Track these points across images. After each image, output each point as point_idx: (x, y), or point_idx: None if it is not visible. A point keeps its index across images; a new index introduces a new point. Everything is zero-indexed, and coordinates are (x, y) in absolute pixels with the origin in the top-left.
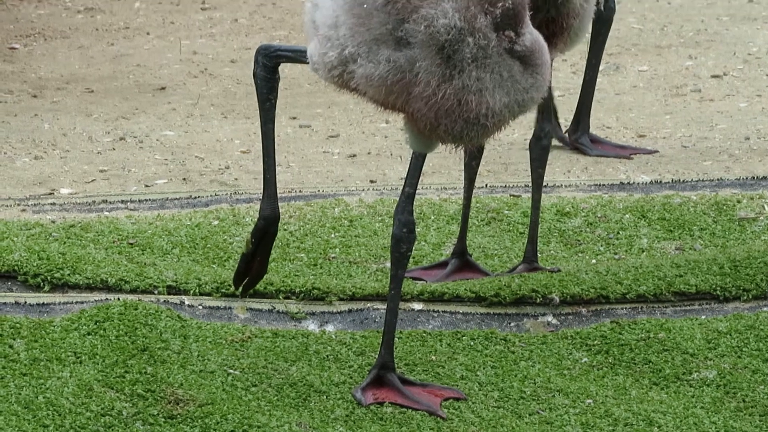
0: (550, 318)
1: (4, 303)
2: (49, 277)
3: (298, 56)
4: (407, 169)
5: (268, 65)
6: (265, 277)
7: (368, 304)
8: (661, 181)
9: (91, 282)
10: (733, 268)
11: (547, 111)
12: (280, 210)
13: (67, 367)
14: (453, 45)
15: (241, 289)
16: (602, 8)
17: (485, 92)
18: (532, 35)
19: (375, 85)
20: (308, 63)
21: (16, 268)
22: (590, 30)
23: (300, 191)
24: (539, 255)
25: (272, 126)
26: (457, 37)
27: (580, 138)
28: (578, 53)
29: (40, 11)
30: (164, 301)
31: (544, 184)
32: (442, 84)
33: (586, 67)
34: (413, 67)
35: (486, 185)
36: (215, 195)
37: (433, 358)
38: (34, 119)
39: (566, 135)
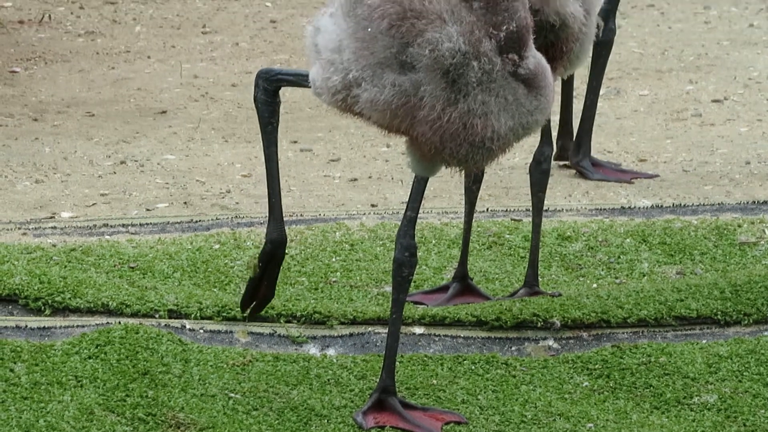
0: (551, 342)
1: (5, 327)
2: (50, 301)
3: (299, 80)
4: (409, 193)
5: (269, 89)
6: None
7: (369, 328)
8: (662, 206)
9: (92, 306)
10: (734, 293)
11: (547, 135)
12: None
13: (68, 390)
14: (458, 69)
15: (247, 312)
16: (602, 31)
17: (490, 116)
18: (535, 58)
19: (380, 110)
20: (310, 87)
21: (17, 291)
22: (591, 53)
23: (301, 215)
24: (540, 279)
25: (275, 149)
26: (462, 61)
27: (582, 161)
28: (579, 77)
29: (40, 35)
30: (165, 324)
31: (545, 208)
32: (447, 108)
33: (587, 91)
34: (418, 91)
35: (487, 209)
36: (216, 219)
37: (435, 382)
38: (34, 143)
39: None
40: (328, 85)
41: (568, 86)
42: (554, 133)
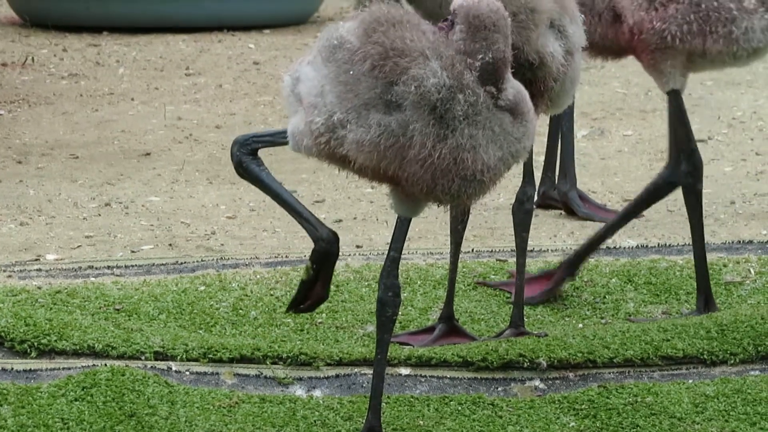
0: (537, 382)
1: None
2: (35, 343)
3: (276, 139)
4: (392, 234)
5: (245, 153)
6: (251, 342)
7: (355, 369)
8: (647, 246)
9: (78, 348)
10: (720, 332)
11: (530, 175)
12: (267, 275)
13: None
14: (445, 104)
15: (297, 310)
16: None
17: (479, 149)
18: (513, 87)
19: (366, 151)
20: (287, 143)
21: (2, 334)
22: (574, 94)
23: (286, 256)
24: (526, 319)
25: (277, 183)
26: (448, 95)
27: (570, 192)
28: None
29: (24, 77)
30: (151, 366)
31: (530, 248)
32: (438, 144)
33: (561, 117)
34: (406, 130)
35: (472, 250)
36: (201, 261)
37: (421, 422)
38: (19, 185)
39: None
40: (311, 128)
41: (554, 130)
42: (537, 174)
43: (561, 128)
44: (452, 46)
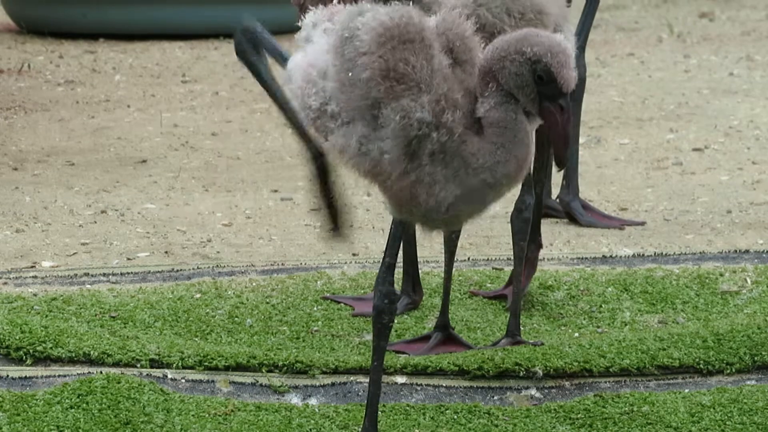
0: (533, 391)
1: None
2: (31, 351)
3: (275, 56)
4: (387, 240)
5: (247, 41)
6: (247, 350)
7: (351, 378)
8: (643, 255)
9: (73, 355)
10: (717, 342)
11: (528, 184)
12: (263, 283)
13: None
14: (420, 141)
15: (339, 232)
16: None
17: (435, 185)
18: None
19: (345, 161)
20: (282, 66)
21: None
22: None
23: (282, 264)
24: (522, 328)
25: (275, 82)
26: (426, 132)
27: (572, 202)
28: None
29: (20, 84)
30: (147, 374)
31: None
32: (402, 176)
33: None
34: (381, 158)
35: (468, 258)
36: (197, 268)
37: (417, 431)
38: (15, 192)
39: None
40: (306, 102)
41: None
42: None
43: None
44: (449, 79)
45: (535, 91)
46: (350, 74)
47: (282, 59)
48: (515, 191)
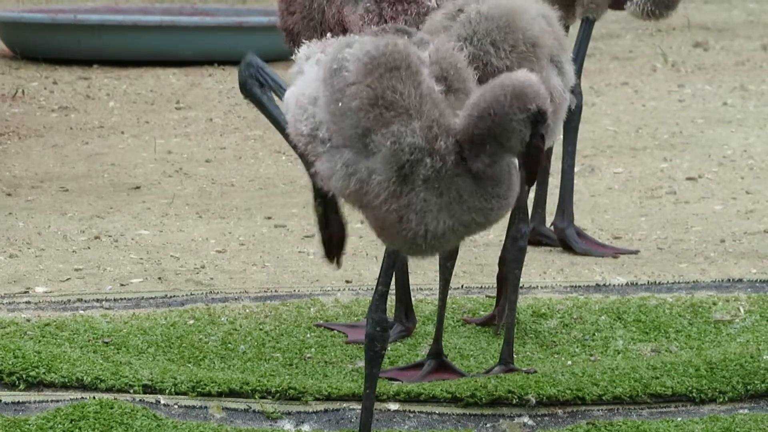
0: (526, 419)
1: None
2: (24, 376)
3: (276, 88)
4: (380, 268)
5: (250, 76)
6: (240, 376)
7: (344, 404)
8: (636, 283)
9: (66, 381)
10: (709, 371)
11: (523, 212)
12: (256, 310)
13: None
14: (412, 166)
15: (336, 261)
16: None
17: (428, 213)
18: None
19: (332, 184)
20: (281, 99)
21: None
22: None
23: (275, 291)
24: (515, 356)
25: (278, 109)
26: (419, 158)
27: (567, 229)
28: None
29: (14, 110)
30: (140, 400)
31: (520, 285)
32: (390, 199)
33: (563, 155)
34: (370, 179)
35: (462, 286)
36: (191, 294)
37: None
38: (8, 218)
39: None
40: (297, 127)
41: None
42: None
43: (562, 166)
44: (440, 104)
45: (529, 134)
46: (340, 104)
47: (282, 91)
48: (506, 219)
